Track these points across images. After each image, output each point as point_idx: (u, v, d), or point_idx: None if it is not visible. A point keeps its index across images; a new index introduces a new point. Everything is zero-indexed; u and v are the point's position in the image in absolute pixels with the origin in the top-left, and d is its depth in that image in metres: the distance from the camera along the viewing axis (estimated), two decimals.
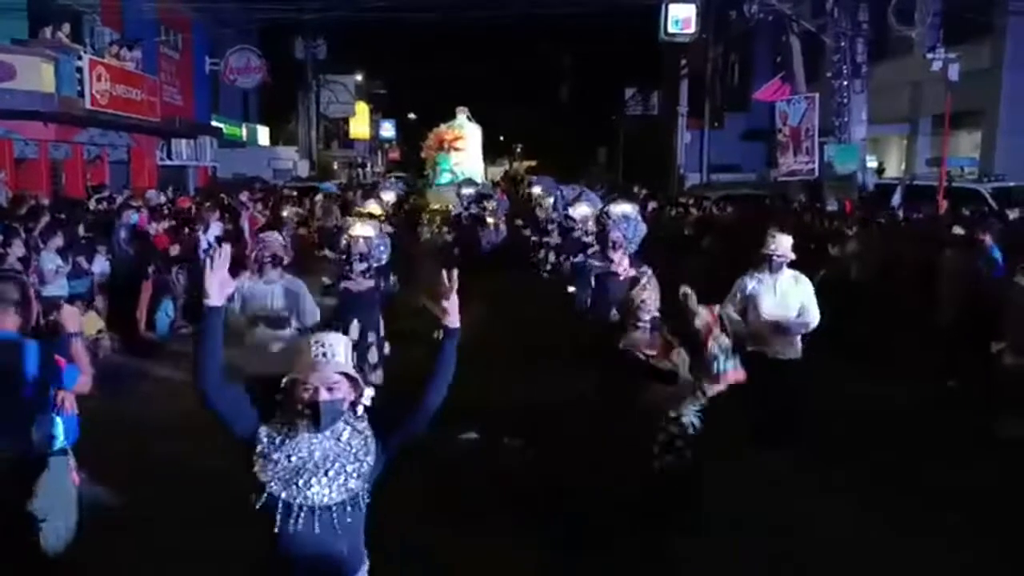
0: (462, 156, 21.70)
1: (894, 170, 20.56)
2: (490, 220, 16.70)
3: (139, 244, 10.10)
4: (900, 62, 18.38)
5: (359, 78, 38.46)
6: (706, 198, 17.10)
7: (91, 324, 8.01)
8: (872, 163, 18.28)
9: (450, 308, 2.76)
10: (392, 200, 14.98)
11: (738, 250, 9.87)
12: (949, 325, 7.91)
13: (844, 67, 15.46)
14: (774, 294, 6.00)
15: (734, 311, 6.04)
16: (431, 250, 17.89)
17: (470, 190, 17.72)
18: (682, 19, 21.04)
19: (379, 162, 50.68)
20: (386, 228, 8.82)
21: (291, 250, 6.62)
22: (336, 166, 37.52)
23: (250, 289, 5.90)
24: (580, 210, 10.33)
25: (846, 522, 5.03)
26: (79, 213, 10.98)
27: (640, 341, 4.73)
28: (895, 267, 9.00)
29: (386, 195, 14.93)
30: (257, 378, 5.34)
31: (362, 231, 6.98)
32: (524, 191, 21.12)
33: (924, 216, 11.78)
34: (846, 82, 15.49)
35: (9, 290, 3.77)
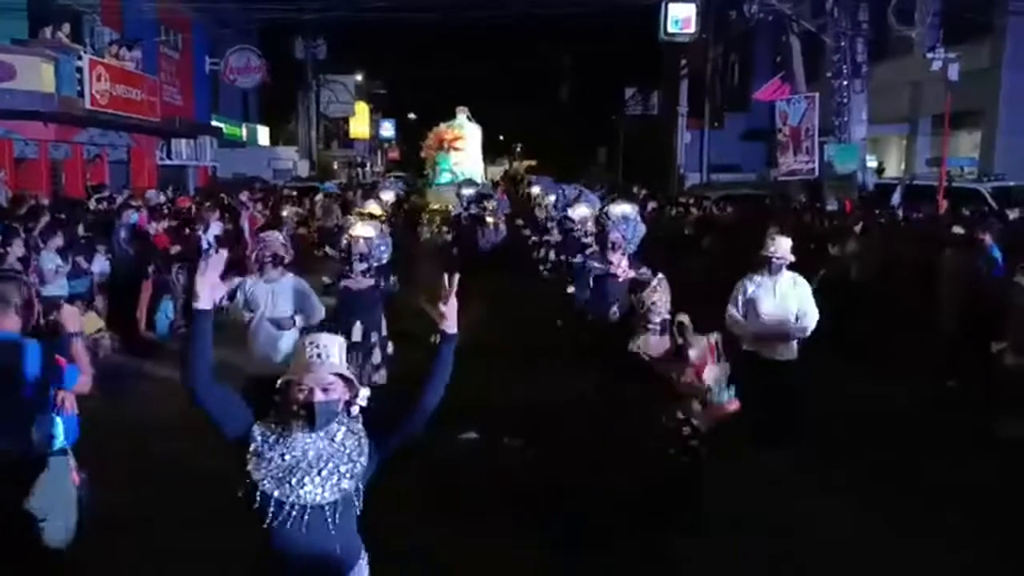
0: (462, 156, 21.70)
1: (894, 170, 20.55)
2: (490, 220, 16.71)
3: (139, 244, 10.10)
4: (900, 62, 18.38)
5: (359, 78, 38.47)
6: (706, 198, 17.11)
7: (91, 324, 8.00)
8: (872, 163, 18.28)
9: (448, 312, 2.73)
10: (391, 200, 14.98)
11: (738, 250, 9.89)
12: (949, 325, 7.92)
13: (844, 67, 15.46)
14: (773, 296, 6.01)
15: (738, 311, 6.04)
16: (431, 250, 17.92)
17: (470, 190, 17.73)
18: (682, 19, 21.05)
19: (379, 162, 50.71)
20: (386, 228, 8.81)
21: (291, 249, 6.61)
22: (336, 166, 37.52)
23: (252, 289, 5.91)
24: (579, 211, 10.32)
25: (846, 522, 5.03)
26: (79, 213, 10.98)
27: (650, 344, 4.73)
28: (895, 267, 9.00)
29: (385, 195, 14.93)
30: (260, 377, 5.37)
31: (363, 231, 6.99)
32: (524, 191, 21.12)
33: (924, 216, 11.78)
34: (846, 82, 15.48)
35: (9, 290, 3.76)
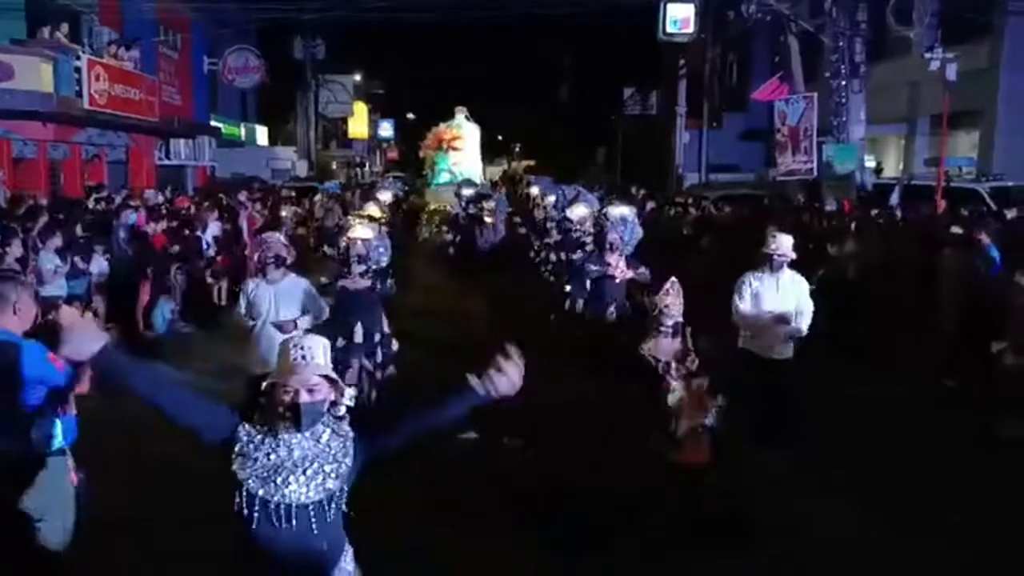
0: (460, 156, 21.72)
1: (892, 170, 20.57)
2: (488, 220, 16.72)
3: (137, 244, 10.10)
4: (898, 62, 18.39)
5: (357, 78, 38.43)
6: (704, 198, 17.11)
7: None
8: (870, 163, 18.28)
9: (503, 375, 2.72)
10: (389, 200, 14.96)
11: (737, 250, 9.89)
12: (948, 325, 7.92)
13: (842, 67, 15.46)
14: (775, 293, 6.01)
15: (745, 304, 6.04)
16: (430, 250, 17.93)
17: (469, 190, 17.74)
18: (680, 19, 21.06)
19: (377, 162, 50.70)
20: (384, 230, 8.82)
21: (293, 250, 6.63)
22: (335, 166, 37.51)
23: (254, 291, 5.92)
24: (577, 211, 10.33)
25: (846, 522, 5.03)
26: (77, 213, 10.96)
27: (661, 346, 4.74)
28: (894, 267, 9.00)
29: (383, 195, 14.91)
30: (261, 378, 5.36)
31: (361, 233, 6.99)
32: (523, 191, 21.13)
33: (922, 216, 11.79)
34: (844, 82, 15.49)
35: (7, 290, 3.76)
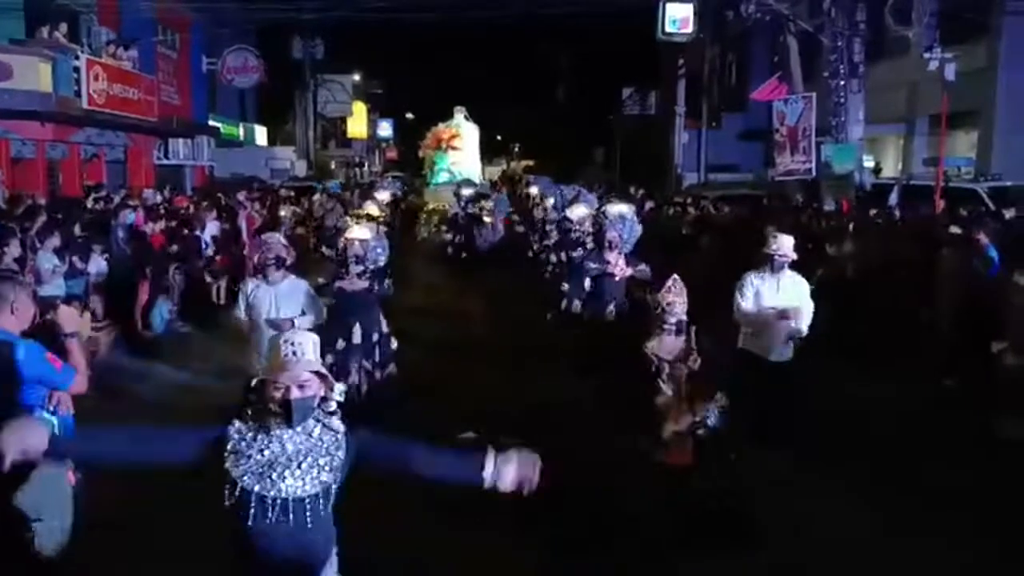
0: (459, 155, 21.71)
1: (891, 170, 20.57)
2: (487, 220, 16.71)
3: (136, 244, 10.09)
4: (897, 62, 18.39)
5: (356, 78, 38.41)
6: (704, 198, 17.10)
7: (86, 324, 7.97)
8: (869, 163, 18.27)
9: (510, 473, 2.81)
10: (388, 200, 14.96)
11: (735, 250, 9.89)
12: (946, 325, 7.91)
13: (841, 67, 15.45)
14: (775, 293, 6.01)
15: (747, 303, 6.03)
16: (429, 249, 17.92)
17: (469, 190, 17.73)
18: (679, 19, 21.04)
19: (376, 161, 50.67)
20: (382, 230, 8.82)
21: (292, 250, 6.63)
22: (334, 166, 37.50)
23: (254, 292, 5.91)
24: (577, 211, 10.33)
25: (846, 522, 5.02)
26: (75, 213, 10.95)
27: (665, 344, 4.71)
28: (892, 267, 9.00)
29: (381, 195, 14.91)
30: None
31: (358, 234, 6.98)
32: (522, 191, 21.13)
33: (921, 216, 11.79)
34: (843, 82, 15.48)
35: (5, 290, 3.75)
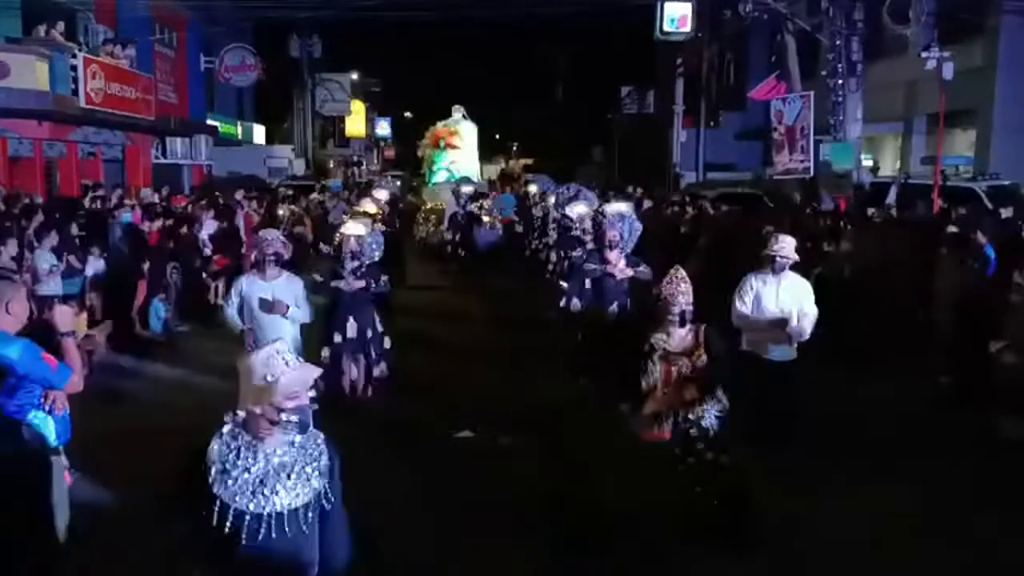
0: (457, 154, 21.69)
1: (889, 169, 20.57)
2: (486, 219, 16.69)
3: (133, 242, 10.07)
4: (895, 61, 18.39)
5: (355, 76, 38.32)
6: (702, 197, 17.09)
7: (83, 324, 7.95)
8: (867, 162, 18.26)
9: None
10: (386, 198, 14.88)
11: (733, 249, 9.88)
12: (944, 323, 7.91)
13: (839, 66, 15.44)
14: (776, 295, 5.97)
15: (744, 306, 6.01)
16: (428, 248, 17.90)
17: (468, 188, 17.71)
18: (677, 17, 21.01)
19: (375, 160, 50.61)
20: (378, 226, 8.80)
21: (291, 247, 6.62)
22: (332, 164, 37.45)
23: (249, 288, 5.88)
24: (577, 209, 10.32)
25: (846, 522, 5.01)
26: (73, 212, 10.91)
27: (675, 336, 4.67)
28: (890, 265, 8.99)
29: (380, 193, 14.84)
30: None
31: (354, 230, 6.97)
32: (521, 189, 21.12)
33: (918, 214, 11.79)
34: (841, 81, 15.46)
35: (0, 289, 3.73)
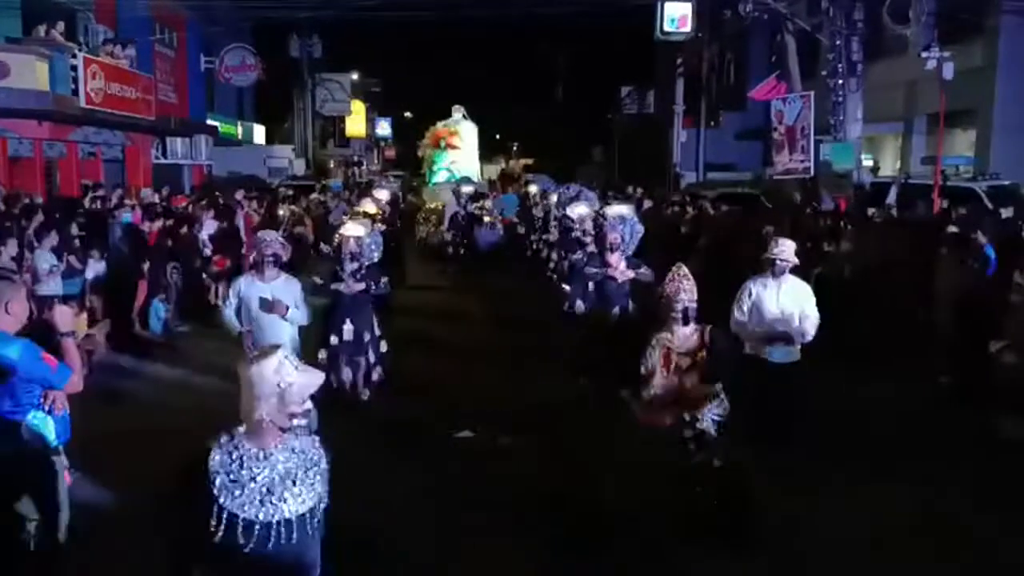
0: (458, 154, 21.69)
1: (889, 169, 20.57)
2: (487, 219, 16.69)
3: (133, 243, 10.06)
4: (895, 61, 18.39)
5: (355, 76, 38.31)
6: (702, 197, 17.09)
7: (83, 324, 7.95)
8: (868, 162, 18.26)
9: None
10: (387, 199, 14.91)
11: (733, 249, 9.88)
12: (944, 323, 7.91)
13: (839, 66, 15.43)
14: (776, 298, 5.97)
15: (742, 314, 6.00)
16: (428, 249, 17.90)
17: (469, 188, 17.72)
18: (678, 17, 21.01)
19: (375, 160, 50.61)
20: (377, 226, 8.80)
21: (289, 248, 6.61)
22: (332, 164, 37.44)
23: (247, 290, 5.88)
24: (578, 210, 10.34)
25: (846, 522, 5.01)
26: (73, 212, 10.91)
27: (679, 335, 4.67)
28: (890, 266, 8.99)
29: (381, 193, 14.86)
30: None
31: (353, 231, 6.97)
32: (522, 190, 21.13)
33: (919, 214, 11.79)
34: (841, 81, 15.45)
35: (1, 289, 3.74)
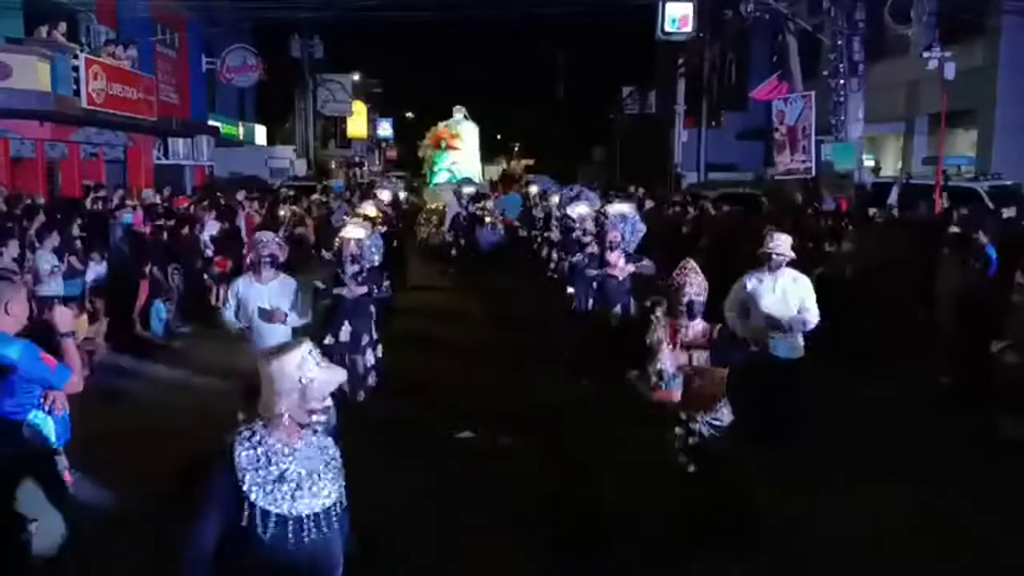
0: (459, 155, 21.72)
1: (891, 169, 20.55)
2: (488, 220, 16.70)
3: (134, 243, 10.07)
4: (896, 61, 18.38)
5: (356, 77, 38.33)
6: (704, 197, 17.09)
7: (83, 325, 7.96)
8: (869, 162, 18.24)
9: None
10: (388, 200, 14.93)
11: (735, 249, 9.86)
12: (945, 323, 7.90)
13: (841, 66, 15.42)
14: (773, 293, 5.96)
15: (734, 311, 5.99)
16: (430, 249, 17.91)
17: (470, 189, 17.73)
18: (679, 17, 20.99)
19: (376, 161, 50.62)
20: (378, 229, 8.81)
21: (287, 249, 6.62)
22: (333, 165, 37.45)
23: (245, 291, 5.88)
24: (579, 209, 10.35)
25: (846, 522, 5.01)
26: (74, 213, 10.92)
27: (688, 328, 4.65)
28: (891, 266, 8.98)
29: (382, 194, 14.87)
30: (253, 376, 5.34)
31: (353, 233, 6.96)
32: (523, 190, 21.14)
33: (920, 215, 11.78)
34: (843, 81, 15.44)
35: (1, 289, 3.74)
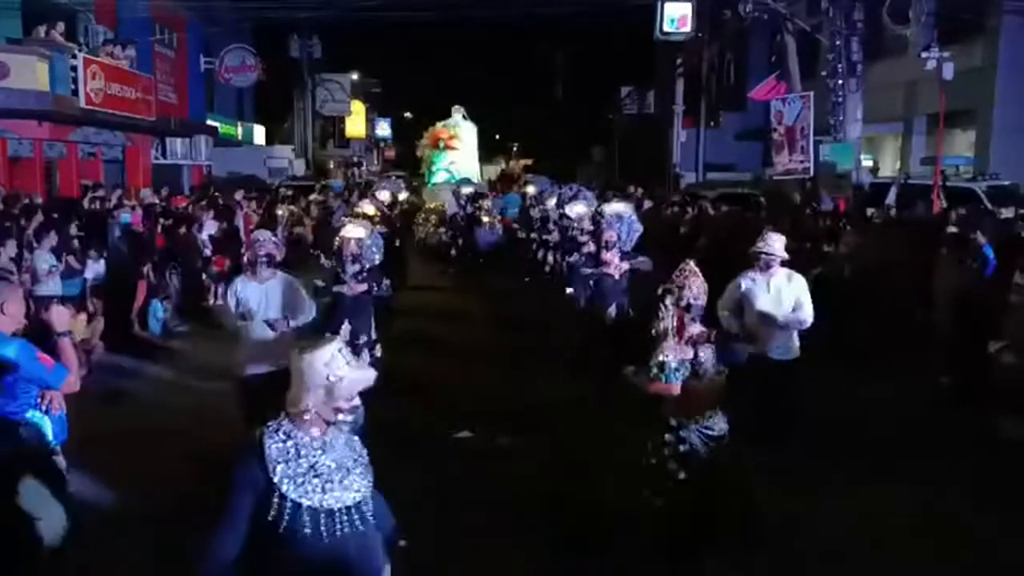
0: (457, 155, 21.76)
1: (889, 169, 20.57)
2: (486, 220, 16.70)
3: (132, 243, 10.06)
4: (895, 61, 18.40)
5: (355, 76, 38.32)
6: (702, 197, 17.10)
7: (81, 324, 7.95)
8: (867, 162, 18.26)
9: None
10: (387, 199, 14.93)
11: (733, 249, 9.86)
12: (943, 323, 7.91)
13: (839, 66, 15.43)
14: (767, 292, 5.96)
15: (728, 311, 5.98)
16: (429, 249, 17.91)
17: (469, 189, 17.74)
18: (677, 18, 21.01)
19: (375, 161, 50.61)
20: (379, 228, 8.80)
21: (284, 248, 6.61)
22: (332, 165, 37.44)
23: (243, 290, 5.86)
24: (576, 209, 10.37)
25: (846, 522, 5.01)
26: (72, 213, 10.90)
27: (687, 329, 4.64)
28: (889, 266, 8.99)
29: (381, 194, 14.87)
30: (252, 376, 5.34)
31: (353, 233, 6.96)
32: (521, 190, 21.15)
33: (918, 215, 11.80)
34: (841, 81, 15.46)
35: None
